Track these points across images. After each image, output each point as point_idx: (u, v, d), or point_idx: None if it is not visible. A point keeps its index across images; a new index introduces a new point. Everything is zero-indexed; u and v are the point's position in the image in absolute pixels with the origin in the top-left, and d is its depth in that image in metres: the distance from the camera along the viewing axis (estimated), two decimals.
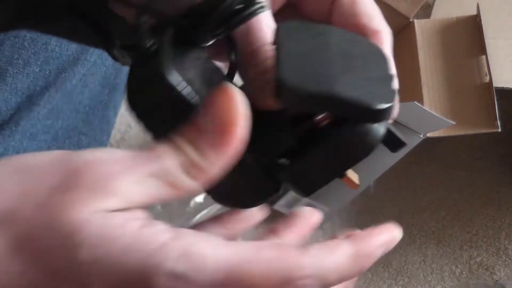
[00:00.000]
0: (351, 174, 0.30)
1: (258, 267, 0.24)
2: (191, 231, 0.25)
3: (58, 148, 0.71)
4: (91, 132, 0.74)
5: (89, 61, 0.73)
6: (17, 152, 0.67)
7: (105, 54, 0.75)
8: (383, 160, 0.68)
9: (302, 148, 0.27)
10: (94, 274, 0.23)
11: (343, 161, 0.28)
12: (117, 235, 0.23)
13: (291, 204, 0.74)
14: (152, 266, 0.23)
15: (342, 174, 0.29)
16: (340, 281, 0.25)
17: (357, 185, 0.30)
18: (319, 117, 0.27)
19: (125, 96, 0.28)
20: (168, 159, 0.24)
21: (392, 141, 0.30)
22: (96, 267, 0.23)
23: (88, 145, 0.73)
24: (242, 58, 0.28)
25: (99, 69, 0.75)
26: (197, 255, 0.24)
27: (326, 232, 0.76)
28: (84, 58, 0.72)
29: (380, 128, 0.28)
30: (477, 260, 0.74)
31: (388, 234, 0.29)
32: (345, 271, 0.25)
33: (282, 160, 0.27)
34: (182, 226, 0.79)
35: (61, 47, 0.70)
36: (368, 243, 0.27)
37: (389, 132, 0.29)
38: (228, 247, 0.24)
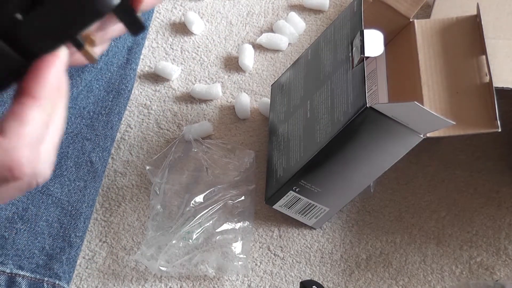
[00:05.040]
0: (90, 48, 0.31)
1: None
2: None
3: (62, 153, 0.71)
4: (95, 137, 0.74)
5: (96, 67, 0.73)
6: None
7: (111, 60, 0.75)
8: (383, 160, 0.68)
9: (38, 4, 0.28)
10: None
11: (70, 20, 0.29)
12: None
13: (291, 204, 0.74)
14: None
15: (79, 44, 0.30)
16: (42, 133, 0.29)
17: (95, 60, 0.32)
18: None
19: None
20: None
21: (131, 21, 0.30)
22: None
23: (92, 151, 0.73)
24: None
25: (104, 74, 0.75)
26: None
27: (326, 232, 0.76)
28: (91, 65, 0.72)
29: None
30: (477, 260, 0.74)
31: (53, 68, 0.30)
32: (45, 126, 0.29)
33: (18, 15, 0.28)
34: (183, 225, 0.79)
35: None
36: (52, 101, 0.29)
37: (128, 10, 0.30)
38: None
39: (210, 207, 0.74)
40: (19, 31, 0.29)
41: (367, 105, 0.62)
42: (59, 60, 0.30)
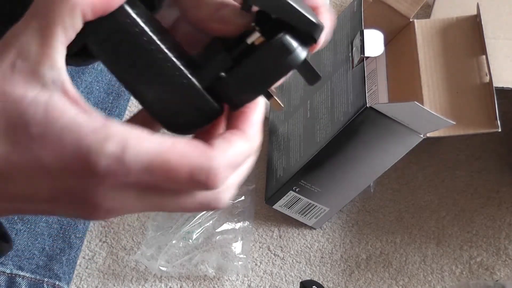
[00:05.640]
0: (277, 97, 0.36)
1: (173, 156, 0.29)
2: (122, 122, 0.29)
3: None
4: None
5: (96, 69, 0.73)
6: None
7: None
8: (383, 160, 0.68)
9: (237, 64, 0.33)
10: (45, 147, 0.28)
11: (267, 75, 0.34)
12: (57, 116, 0.28)
13: (291, 204, 0.74)
14: (86, 145, 0.28)
15: (269, 95, 0.35)
16: (240, 166, 0.33)
17: (282, 107, 0.37)
18: (252, 39, 0.33)
19: None
20: None
21: (309, 72, 0.35)
22: (45, 141, 0.28)
23: None
24: None
25: (104, 76, 0.75)
26: (129, 141, 0.28)
27: (326, 232, 0.76)
28: (92, 66, 0.72)
29: (301, 53, 0.33)
30: (477, 260, 0.74)
31: (257, 113, 0.34)
32: (244, 157, 0.33)
33: (221, 74, 0.33)
34: (183, 225, 0.78)
35: None
36: (253, 136, 0.33)
37: (307, 63, 0.34)
38: (153, 138, 0.29)
39: None
40: (222, 86, 0.33)
41: (367, 105, 0.62)
42: (260, 107, 0.35)
